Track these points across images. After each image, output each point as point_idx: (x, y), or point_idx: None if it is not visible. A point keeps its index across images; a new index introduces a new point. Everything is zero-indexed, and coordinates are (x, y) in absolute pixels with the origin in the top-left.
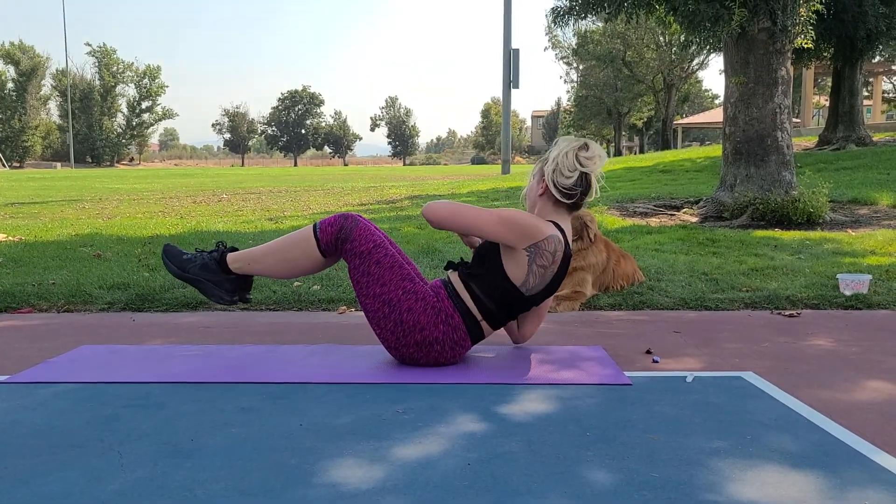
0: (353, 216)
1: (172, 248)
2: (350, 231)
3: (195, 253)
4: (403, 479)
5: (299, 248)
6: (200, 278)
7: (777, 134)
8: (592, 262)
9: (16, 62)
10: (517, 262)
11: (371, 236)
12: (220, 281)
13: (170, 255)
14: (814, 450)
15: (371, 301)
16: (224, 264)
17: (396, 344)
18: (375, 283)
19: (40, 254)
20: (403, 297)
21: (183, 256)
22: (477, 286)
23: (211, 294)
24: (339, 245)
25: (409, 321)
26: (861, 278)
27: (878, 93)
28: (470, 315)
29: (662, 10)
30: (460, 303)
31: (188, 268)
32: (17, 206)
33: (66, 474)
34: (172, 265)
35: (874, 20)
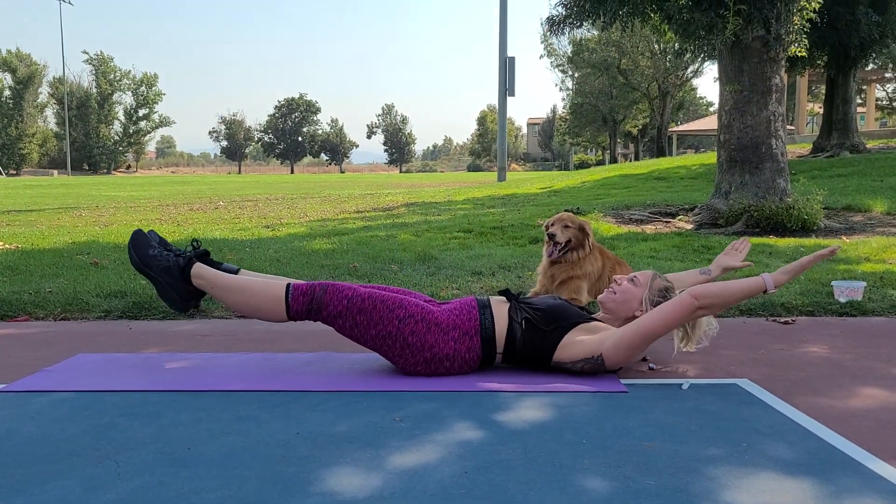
0: (322, 285)
1: (141, 238)
2: (320, 300)
3: (164, 251)
4: (400, 487)
5: (267, 304)
6: (159, 278)
7: (771, 141)
8: (588, 270)
9: (13, 70)
10: (574, 349)
11: (341, 294)
12: (176, 286)
13: (136, 245)
14: (809, 457)
15: (373, 342)
16: (187, 274)
17: (405, 364)
18: (368, 328)
19: (37, 262)
20: (401, 325)
21: (149, 251)
22: (523, 332)
23: (165, 297)
24: (311, 314)
25: (415, 343)
26: (856, 285)
27: (871, 100)
28: (492, 345)
29: (657, 18)
30: (489, 329)
31: (151, 264)
32: (14, 213)
33: (62, 483)
34: (136, 256)
35: (867, 28)
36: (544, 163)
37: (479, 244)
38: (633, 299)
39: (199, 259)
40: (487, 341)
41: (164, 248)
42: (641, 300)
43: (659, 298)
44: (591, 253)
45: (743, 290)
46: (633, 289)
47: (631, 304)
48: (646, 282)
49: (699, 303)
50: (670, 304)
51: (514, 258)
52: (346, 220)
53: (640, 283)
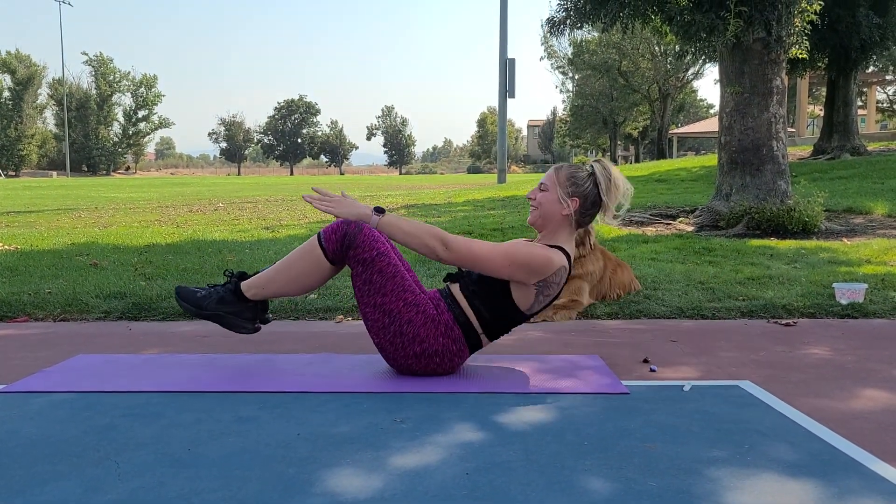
0: (356, 222)
1: (185, 289)
2: (354, 237)
3: (208, 288)
4: (402, 489)
5: (307, 261)
6: (220, 312)
7: (772, 143)
8: (590, 270)
9: (12, 71)
10: (524, 293)
11: (375, 243)
12: (239, 311)
13: (184, 296)
14: (811, 459)
15: (371, 310)
16: (240, 293)
17: (395, 354)
18: (377, 292)
19: (36, 263)
20: (404, 308)
21: (197, 294)
22: (480, 303)
23: (233, 326)
24: (345, 251)
25: (408, 333)
26: (857, 287)
27: (872, 103)
28: (470, 327)
29: (658, 20)
30: (461, 314)
31: (205, 304)
32: (13, 214)
33: (62, 484)
34: (189, 305)
35: (868, 31)
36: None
37: None
38: (550, 202)
39: (240, 278)
40: (466, 326)
41: (208, 288)
42: (558, 199)
43: (572, 187)
44: (593, 253)
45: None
46: (545, 194)
47: (552, 207)
48: (552, 179)
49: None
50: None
51: None
52: None
53: (548, 185)
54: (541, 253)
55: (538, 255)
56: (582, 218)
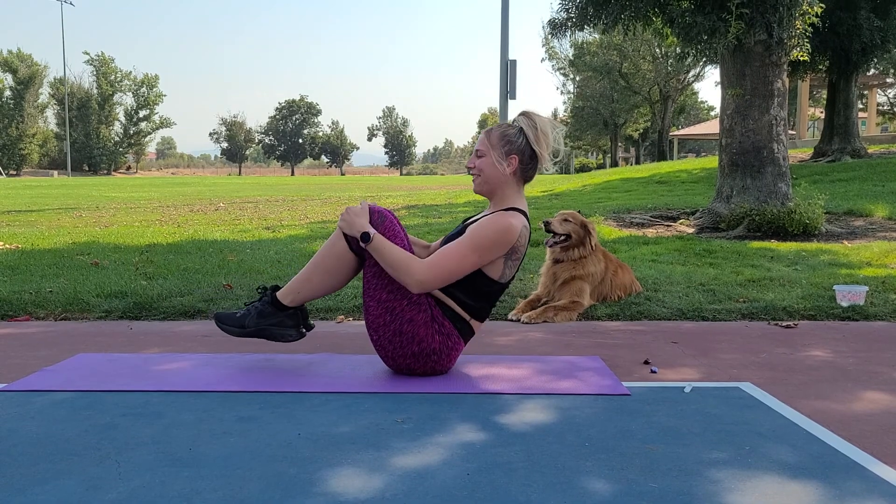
0: (380, 211)
1: (223, 314)
2: (377, 226)
3: (246, 308)
4: (403, 489)
5: (333, 254)
6: (262, 326)
7: (773, 146)
8: (591, 271)
9: (14, 70)
10: (494, 265)
11: (394, 238)
12: (281, 321)
13: (224, 321)
14: (812, 461)
15: (375, 305)
16: (277, 303)
17: (393, 354)
18: (383, 288)
19: (37, 262)
20: (407, 307)
21: (236, 315)
22: (457, 290)
23: (278, 337)
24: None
25: (408, 332)
26: (858, 289)
27: (872, 105)
28: (458, 318)
29: (659, 22)
30: (447, 308)
31: (246, 323)
32: (14, 213)
33: (63, 483)
34: (232, 327)
35: (869, 33)
36: None
37: None
38: (490, 167)
39: (274, 289)
40: (454, 318)
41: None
42: (496, 162)
43: (507, 145)
44: (594, 254)
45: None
46: (484, 160)
47: (492, 171)
48: (487, 145)
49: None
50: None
51: None
52: None
53: (484, 150)
54: (501, 223)
55: (500, 227)
56: (525, 173)
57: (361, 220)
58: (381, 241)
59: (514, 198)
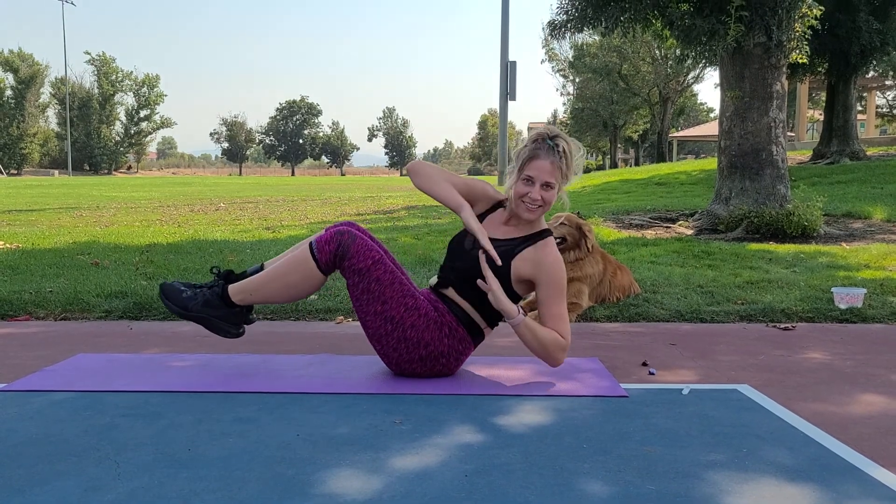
0: (348, 231)
1: (170, 287)
2: (348, 247)
3: (194, 290)
4: (401, 491)
5: (299, 272)
6: (204, 315)
7: (772, 148)
8: (589, 272)
9: (15, 70)
10: (528, 287)
11: (369, 252)
12: (225, 315)
13: (168, 295)
14: (810, 463)
15: (372, 318)
16: (227, 297)
17: (398, 360)
18: (376, 300)
19: (38, 261)
20: (406, 314)
21: (182, 295)
22: (479, 297)
23: (217, 330)
24: (338, 262)
25: (413, 337)
26: (856, 292)
27: (871, 107)
28: (473, 324)
29: (659, 24)
30: (463, 314)
31: (190, 306)
32: (15, 213)
33: (62, 483)
34: (173, 305)
35: (868, 36)
36: None
37: None
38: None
39: (227, 279)
40: (469, 325)
41: (193, 288)
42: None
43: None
44: (592, 255)
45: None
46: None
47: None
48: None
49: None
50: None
51: None
52: None
53: (555, 183)
54: (558, 259)
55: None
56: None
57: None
58: (529, 325)
59: (542, 220)
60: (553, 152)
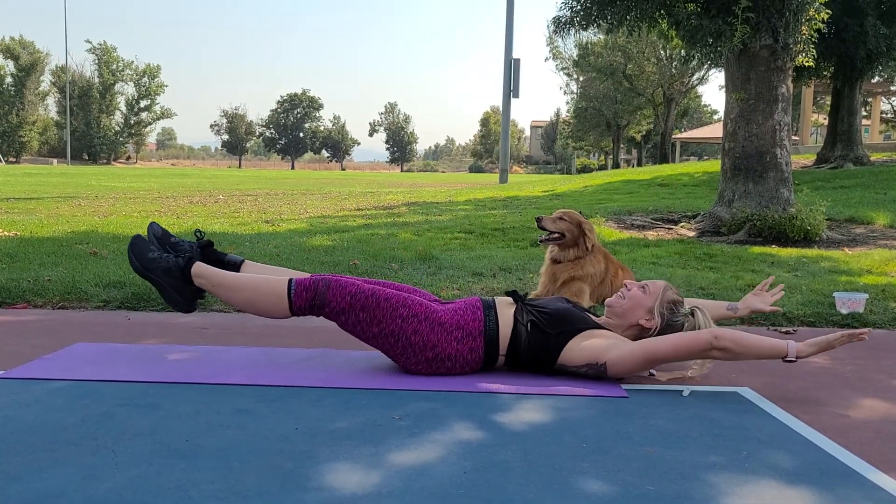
0: (324, 279)
1: (139, 243)
2: (323, 296)
3: (161, 253)
4: (399, 486)
5: (270, 301)
6: (161, 281)
7: (776, 151)
8: (590, 272)
9: (15, 57)
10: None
11: (344, 290)
12: (179, 287)
13: (135, 250)
14: (809, 467)
15: (374, 341)
16: (188, 275)
17: (406, 363)
18: (370, 325)
19: (36, 250)
20: (403, 324)
21: (148, 255)
22: (528, 334)
23: (168, 299)
24: (314, 310)
25: (417, 343)
26: (857, 297)
27: (876, 113)
28: (495, 345)
29: (665, 24)
30: (493, 330)
31: (152, 267)
32: (13, 201)
33: (59, 472)
34: (136, 261)
35: (875, 40)
36: (546, 166)
37: (479, 245)
38: (640, 307)
39: (204, 249)
40: (491, 343)
41: (167, 244)
42: (649, 309)
43: (667, 312)
44: (593, 255)
45: (764, 349)
46: (642, 296)
47: (637, 311)
48: (657, 291)
49: (717, 344)
50: (688, 336)
51: (515, 260)
52: (347, 218)
53: (650, 291)
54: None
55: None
56: (642, 335)
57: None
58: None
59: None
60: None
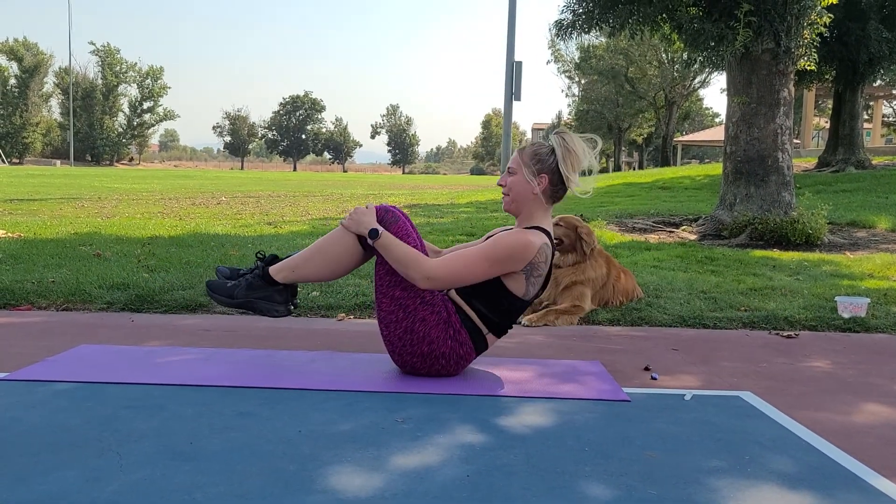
0: (393, 210)
1: (215, 283)
2: (389, 226)
3: (237, 280)
4: (402, 489)
5: (340, 245)
6: (250, 298)
7: (778, 154)
8: (592, 276)
9: (19, 59)
10: (515, 280)
11: (407, 237)
12: (269, 295)
13: (215, 290)
14: (811, 472)
15: (388, 301)
16: (269, 277)
17: (401, 351)
18: (397, 285)
19: (40, 251)
20: (420, 306)
21: (227, 285)
22: (479, 303)
23: (264, 310)
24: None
25: (419, 331)
26: (859, 301)
27: (878, 116)
28: (476, 330)
29: (667, 27)
30: (466, 319)
31: (235, 293)
32: (17, 202)
33: (64, 474)
34: (219, 296)
35: (877, 44)
36: None
37: None
38: (522, 184)
39: (270, 264)
40: (472, 330)
41: (237, 276)
42: (527, 179)
43: (537, 165)
44: (594, 259)
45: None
46: (516, 178)
47: (524, 189)
48: (519, 162)
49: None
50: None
51: None
52: None
53: (515, 168)
54: (519, 239)
55: (518, 243)
56: (554, 194)
57: (368, 218)
58: (388, 238)
59: (538, 217)
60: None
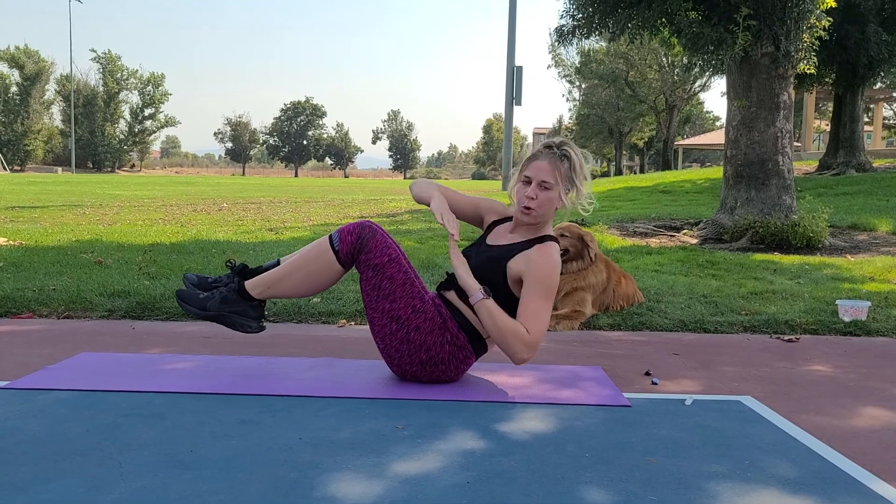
0: (370, 226)
1: (186, 292)
2: (367, 241)
3: (209, 292)
4: (403, 496)
5: (318, 262)
6: (223, 312)
7: (778, 158)
8: (592, 281)
9: (20, 66)
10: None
11: (387, 249)
12: (244, 310)
13: (186, 300)
14: (811, 476)
15: (379, 315)
16: (244, 292)
17: (400, 361)
18: (385, 298)
19: (41, 259)
20: (412, 315)
21: (199, 297)
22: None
23: (237, 325)
24: (356, 254)
25: (416, 340)
26: (860, 305)
27: (878, 119)
28: (475, 333)
29: (667, 31)
30: (465, 321)
31: (208, 306)
32: (18, 209)
33: (65, 482)
34: (192, 307)
35: (876, 47)
36: None
37: None
38: (554, 200)
39: (242, 272)
40: (471, 334)
41: (206, 286)
42: (560, 196)
43: (568, 183)
44: (595, 265)
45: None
46: (552, 194)
47: (554, 205)
48: (556, 178)
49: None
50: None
51: None
52: None
53: (552, 184)
54: (554, 262)
55: (556, 267)
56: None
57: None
58: (493, 302)
59: (549, 226)
60: (554, 155)
